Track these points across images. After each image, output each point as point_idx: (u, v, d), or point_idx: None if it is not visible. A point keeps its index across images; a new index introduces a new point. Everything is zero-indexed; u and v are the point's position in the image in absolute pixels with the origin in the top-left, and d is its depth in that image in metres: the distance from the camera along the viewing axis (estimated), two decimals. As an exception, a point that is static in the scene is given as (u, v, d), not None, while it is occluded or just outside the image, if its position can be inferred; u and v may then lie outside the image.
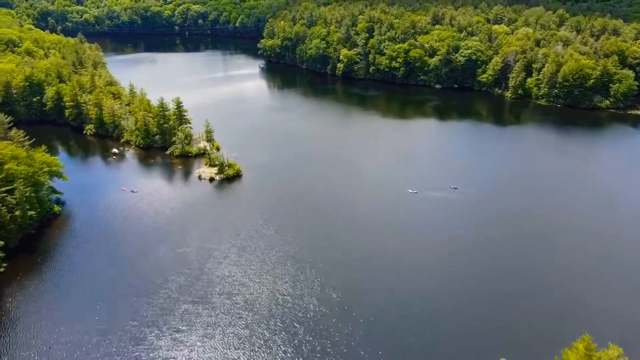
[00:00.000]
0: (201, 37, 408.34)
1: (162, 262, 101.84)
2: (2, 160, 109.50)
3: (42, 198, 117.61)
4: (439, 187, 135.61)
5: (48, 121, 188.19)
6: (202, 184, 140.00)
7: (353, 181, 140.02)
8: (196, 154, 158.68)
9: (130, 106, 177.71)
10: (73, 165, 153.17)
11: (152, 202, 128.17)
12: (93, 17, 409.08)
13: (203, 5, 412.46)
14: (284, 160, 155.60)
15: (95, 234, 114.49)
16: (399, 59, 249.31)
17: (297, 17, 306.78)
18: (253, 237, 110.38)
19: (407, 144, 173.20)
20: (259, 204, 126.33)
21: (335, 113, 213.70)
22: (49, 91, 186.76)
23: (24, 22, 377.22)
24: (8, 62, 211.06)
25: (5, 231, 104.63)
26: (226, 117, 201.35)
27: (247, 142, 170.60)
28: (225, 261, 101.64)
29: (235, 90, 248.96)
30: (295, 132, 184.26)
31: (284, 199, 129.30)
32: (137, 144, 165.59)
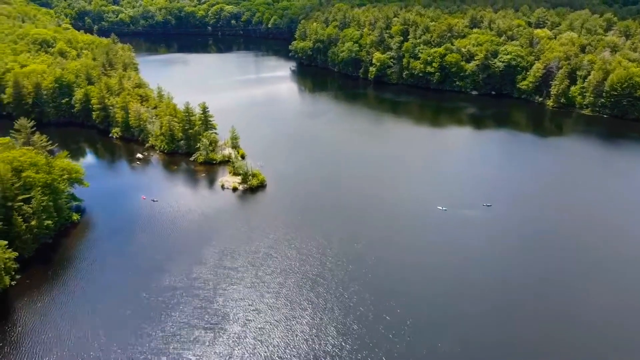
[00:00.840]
0: (233, 37, 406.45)
1: (177, 280, 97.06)
2: (21, 168, 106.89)
3: (60, 206, 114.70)
4: (471, 204, 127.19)
5: (76, 123, 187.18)
6: (224, 193, 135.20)
7: (381, 195, 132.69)
8: (220, 161, 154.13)
9: (156, 109, 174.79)
10: (96, 170, 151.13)
11: (171, 212, 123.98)
12: (128, 17, 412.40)
13: (236, 6, 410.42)
14: (310, 169, 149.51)
15: (112, 245, 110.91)
16: (434, 64, 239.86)
17: (330, 19, 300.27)
18: (273, 256, 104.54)
19: (439, 154, 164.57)
20: (282, 218, 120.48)
21: (366, 119, 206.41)
22: (78, 93, 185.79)
23: (61, 21, 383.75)
24: (41, 63, 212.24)
25: (20, 241, 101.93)
26: (254, 121, 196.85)
27: (273, 150, 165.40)
28: (241, 283, 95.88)
29: (265, 93, 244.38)
30: (323, 139, 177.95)
31: (307, 213, 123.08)
32: (162, 149, 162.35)
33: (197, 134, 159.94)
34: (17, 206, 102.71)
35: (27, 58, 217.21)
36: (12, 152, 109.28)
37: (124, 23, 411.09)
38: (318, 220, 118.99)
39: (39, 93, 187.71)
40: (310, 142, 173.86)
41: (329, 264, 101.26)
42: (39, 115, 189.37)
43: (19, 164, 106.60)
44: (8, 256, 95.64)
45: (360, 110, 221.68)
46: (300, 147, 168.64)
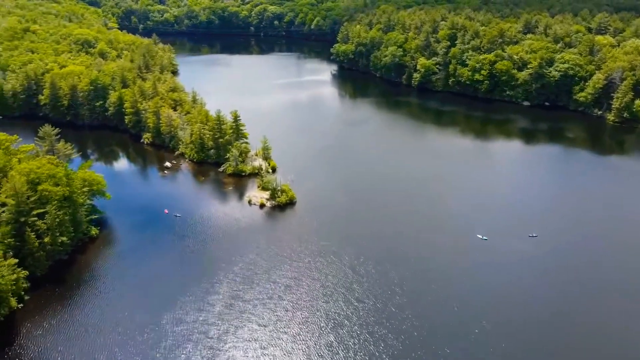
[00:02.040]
0: (276, 38, 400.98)
1: (189, 311, 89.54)
2: (37, 180, 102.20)
3: (79, 220, 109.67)
4: (515, 233, 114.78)
5: (109, 126, 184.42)
6: (251, 210, 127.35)
7: (418, 218, 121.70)
8: (250, 173, 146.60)
9: (188, 116, 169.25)
10: (122, 177, 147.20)
11: (193, 229, 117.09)
12: (173, 17, 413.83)
13: (280, 6, 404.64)
14: (344, 185, 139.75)
15: (129, 264, 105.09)
16: (482, 71, 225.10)
17: (374, 22, 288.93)
18: (293, 289, 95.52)
19: (484, 172, 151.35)
20: (308, 242, 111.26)
21: (407, 130, 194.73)
22: (112, 96, 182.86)
23: (108, 20, 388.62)
24: (80, 64, 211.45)
25: (32, 259, 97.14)
26: (290, 128, 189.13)
27: (307, 161, 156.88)
28: (255, 320, 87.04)
29: (304, 97, 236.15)
30: (360, 151, 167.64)
31: (336, 237, 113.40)
32: (191, 158, 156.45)
33: (228, 143, 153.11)
34: (31, 221, 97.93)
35: (67, 59, 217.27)
36: (30, 164, 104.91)
37: (169, 23, 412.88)
38: (347, 247, 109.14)
39: (74, 95, 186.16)
40: (347, 154, 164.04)
41: (354, 302, 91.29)
42: (73, 117, 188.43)
43: (36, 176, 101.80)
44: (17, 276, 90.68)
45: (401, 120, 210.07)
46: (335, 160, 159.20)
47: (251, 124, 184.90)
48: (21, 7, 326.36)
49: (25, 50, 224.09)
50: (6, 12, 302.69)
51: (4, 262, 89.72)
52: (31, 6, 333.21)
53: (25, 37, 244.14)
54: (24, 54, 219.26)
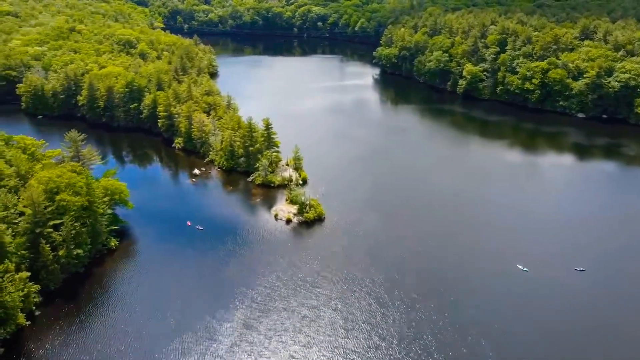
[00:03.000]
0: (319, 40, 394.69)
1: (196, 340, 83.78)
2: (56, 189, 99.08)
3: (98, 231, 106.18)
4: (560, 266, 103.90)
5: (143, 129, 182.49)
6: (276, 226, 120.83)
7: (455, 243, 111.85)
8: (279, 184, 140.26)
9: (220, 121, 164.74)
10: (150, 183, 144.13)
11: (214, 245, 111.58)
12: (217, 17, 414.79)
13: (324, 7, 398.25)
14: (378, 201, 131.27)
15: (145, 279, 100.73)
16: (534, 80, 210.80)
17: (419, 25, 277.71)
18: (312, 321, 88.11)
19: (530, 192, 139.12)
20: (334, 266, 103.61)
21: (450, 141, 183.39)
22: (147, 99, 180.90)
23: (154, 20, 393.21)
24: (120, 65, 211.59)
25: (46, 272, 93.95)
26: (326, 135, 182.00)
27: (340, 172, 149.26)
28: (264, 356, 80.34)
29: (343, 102, 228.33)
30: (399, 163, 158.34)
31: (365, 261, 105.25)
32: (220, 166, 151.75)
33: (258, 152, 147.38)
34: (47, 233, 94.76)
35: (108, 59, 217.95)
36: (50, 172, 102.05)
37: (213, 23, 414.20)
38: (375, 273, 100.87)
39: (110, 96, 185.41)
40: (383, 166, 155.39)
41: (377, 340, 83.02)
42: (109, 119, 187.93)
43: (54, 185, 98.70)
44: (27, 291, 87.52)
45: (443, 130, 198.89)
46: (370, 172, 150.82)
47: (286, 129, 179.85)
48: (71, 6, 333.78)
49: (68, 50, 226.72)
50: (56, 12, 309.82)
51: (15, 276, 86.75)
52: (80, 6, 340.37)
53: (71, 37, 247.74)
54: (67, 54, 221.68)
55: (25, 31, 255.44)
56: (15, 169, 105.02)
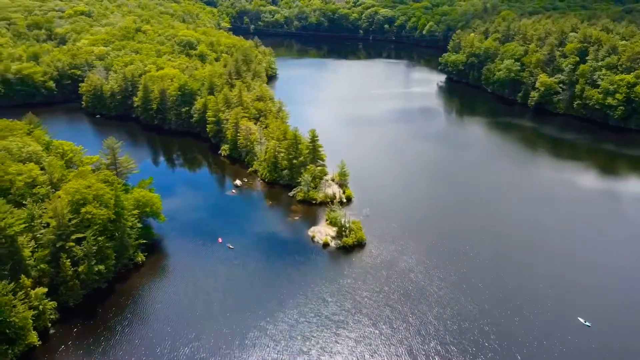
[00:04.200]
0: (384, 43, 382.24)
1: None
2: (82, 201, 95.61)
3: (125, 244, 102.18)
4: (630, 324, 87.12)
5: (193, 133, 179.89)
6: (312, 250, 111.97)
7: (512, 286, 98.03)
8: (321, 201, 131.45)
9: (267, 130, 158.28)
10: (188, 191, 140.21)
11: (243, 267, 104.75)
12: (283, 18, 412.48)
13: (392, 9, 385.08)
14: (429, 228, 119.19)
15: (168, 299, 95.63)
16: (617, 95, 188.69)
17: (491, 30, 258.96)
18: (339, 366, 78.65)
19: (609, 226, 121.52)
20: (370, 303, 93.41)
21: (517, 160, 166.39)
22: (198, 102, 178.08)
23: (222, 20, 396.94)
24: (178, 66, 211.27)
25: (66, 287, 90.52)
26: (379, 147, 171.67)
27: (390, 192, 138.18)
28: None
29: (403, 112, 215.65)
30: (457, 183, 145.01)
31: (406, 299, 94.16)
32: (263, 177, 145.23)
33: (302, 165, 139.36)
34: (69, 247, 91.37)
35: (166, 60, 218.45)
36: (78, 182, 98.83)
37: (279, 24, 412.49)
38: (412, 315, 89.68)
39: (163, 99, 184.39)
40: (439, 186, 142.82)
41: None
42: (161, 121, 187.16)
43: (81, 197, 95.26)
44: (43, 308, 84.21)
45: (511, 147, 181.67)
46: (425, 192, 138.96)
47: (339, 140, 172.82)
48: (143, 6, 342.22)
49: (130, 50, 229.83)
50: (127, 12, 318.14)
51: (30, 292, 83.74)
52: (152, 6, 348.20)
53: (136, 37, 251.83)
54: (128, 54, 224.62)
55: (95, 31, 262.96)
56: (48, 176, 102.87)
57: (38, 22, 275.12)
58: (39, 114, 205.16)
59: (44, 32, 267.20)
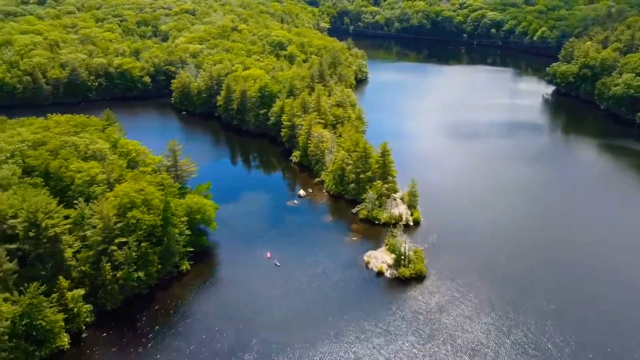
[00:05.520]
0: (490, 48, 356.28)
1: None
2: (130, 205, 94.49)
3: (172, 251, 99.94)
4: None
5: (269, 136, 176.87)
6: (364, 276, 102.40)
7: (600, 352, 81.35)
8: (385, 222, 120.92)
9: (340, 138, 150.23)
10: (250, 198, 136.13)
11: (288, 287, 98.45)
12: (384, 19, 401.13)
13: (501, 13, 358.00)
14: (505, 269, 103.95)
15: (205, 314, 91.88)
16: None
17: (611, 39, 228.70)
18: None
19: None
20: (420, 354, 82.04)
21: (628, 193, 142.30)
22: (275, 105, 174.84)
23: (322, 20, 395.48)
24: (265, 66, 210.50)
25: (104, 291, 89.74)
26: (465, 167, 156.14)
27: (466, 219, 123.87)
28: None
29: (500, 126, 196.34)
30: (551, 217, 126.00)
31: (464, 354, 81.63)
32: (328, 189, 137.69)
33: (370, 180, 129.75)
34: (111, 250, 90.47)
35: (254, 61, 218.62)
36: (130, 185, 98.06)
37: (379, 25, 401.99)
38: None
39: (244, 100, 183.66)
40: (529, 217, 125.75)
41: None
42: (240, 122, 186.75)
43: (129, 200, 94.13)
44: (77, 310, 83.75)
45: (623, 176, 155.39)
46: (508, 223, 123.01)
47: (422, 153, 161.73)
48: (245, 5, 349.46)
49: (222, 49, 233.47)
50: (229, 10, 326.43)
51: (66, 294, 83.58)
52: (253, 5, 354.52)
53: (231, 36, 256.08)
54: (220, 53, 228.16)
55: (194, 29, 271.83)
56: (107, 175, 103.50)
57: (146, 19, 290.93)
58: (133, 107, 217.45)
59: (150, 29, 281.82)
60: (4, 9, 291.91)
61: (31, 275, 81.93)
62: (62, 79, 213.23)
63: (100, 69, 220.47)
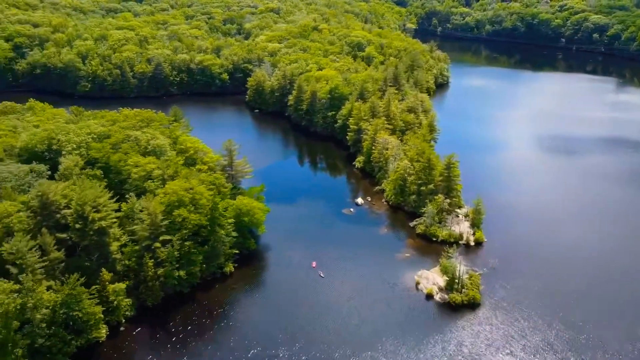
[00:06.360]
0: (590, 55, 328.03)
1: None
2: (178, 203, 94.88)
3: (217, 252, 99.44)
4: None
5: (336, 139, 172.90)
6: (411, 297, 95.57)
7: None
8: (444, 240, 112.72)
9: (406, 146, 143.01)
10: (306, 202, 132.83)
11: (329, 298, 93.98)
12: (474, 21, 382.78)
13: (605, 16, 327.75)
14: (573, 307, 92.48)
15: (243, 321, 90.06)
16: None
17: None
18: None
19: None
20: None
21: None
22: (344, 108, 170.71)
23: (408, 21, 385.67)
24: (340, 67, 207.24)
25: (145, 287, 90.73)
26: (547, 185, 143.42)
27: (536, 242, 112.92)
28: None
29: (597, 142, 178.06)
30: (627, 256, 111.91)
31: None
32: (387, 199, 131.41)
33: (431, 193, 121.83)
34: (155, 247, 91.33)
35: (329, 61, 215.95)
36: (180, 183, 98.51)
37: (469, 27, 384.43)
38: None
39: (313, 101, 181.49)
40: (612, 249, 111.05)
41: None
42: (308, 122, 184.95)
43: (177, 198, 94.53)
44: (117, 303, 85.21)
45: None
46: (587, 253, 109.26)
47: (493, 168, 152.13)
48: (330, 4, 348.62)
49: (299, 48, 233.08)
50: (313, 9, 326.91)
51: (108, 286, 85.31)
52: (339, 4, 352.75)
53: (310, 36, 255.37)
54: (297, 52, 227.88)
55: (276, 27, 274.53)
56: (162, 171, 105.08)
57: (232, 17, 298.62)
58: (210, 103, 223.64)
59: (235, 26, 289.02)
60: (106, 6, 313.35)
61: (77, 265, 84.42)
62: (147, 73, 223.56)
63: (182, 65, 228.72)
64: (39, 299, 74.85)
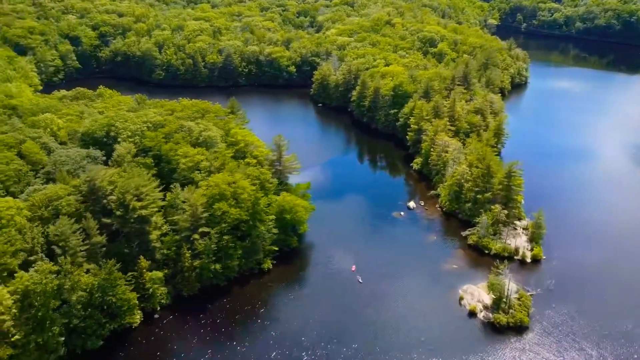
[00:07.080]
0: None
1: None
2: (219, 196, 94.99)
3: (256, 248, 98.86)
4: None
5: (396, 138, 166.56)
6: (453, 313, 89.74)
7: None
8: (497, 254, 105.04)
9: (466, 149, 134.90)
10: (355, 202, 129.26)
11: (369, 308, 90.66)
12: (563, 17, 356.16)
13: None
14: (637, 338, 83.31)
15: (277, 320, 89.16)
16: None
17: None
18: None
19: None
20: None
21: None
22: (407, 107, 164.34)
23: (490, 16, 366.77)
24: (408, 63, 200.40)
25: (182, 277, 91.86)
26: (623, 200, 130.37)
27: (603, 262, 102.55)
28: None
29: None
30: None
31: None
32: (442, 205, 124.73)
33: (488, 202, 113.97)
34: (193, 238, 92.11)
35: (397, 57, 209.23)
36: (224, 176, 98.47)
37: (557, 24, 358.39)
38: None
39: (376, 97, 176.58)
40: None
41: None
42: (369, 119, 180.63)
43: (218, 191, 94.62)
44: (154, 290, 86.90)
45: None
46: None
47: (566, 179, 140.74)
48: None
49: (369, 43, 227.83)
50: (388, 3, 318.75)
51: (145, 274, 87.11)
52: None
53: (382, 30, 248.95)
54: (365, 47, 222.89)
55: (349, 21, 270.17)
56: (209, 163, 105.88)
57: (306, 9, 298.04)
58: (276, 95, 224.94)
59: (308, 19, 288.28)
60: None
61: (117, 251, 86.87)
62: (217, 64, 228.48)
63: (252, 56, 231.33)
64: (76, 281, 77.44)
